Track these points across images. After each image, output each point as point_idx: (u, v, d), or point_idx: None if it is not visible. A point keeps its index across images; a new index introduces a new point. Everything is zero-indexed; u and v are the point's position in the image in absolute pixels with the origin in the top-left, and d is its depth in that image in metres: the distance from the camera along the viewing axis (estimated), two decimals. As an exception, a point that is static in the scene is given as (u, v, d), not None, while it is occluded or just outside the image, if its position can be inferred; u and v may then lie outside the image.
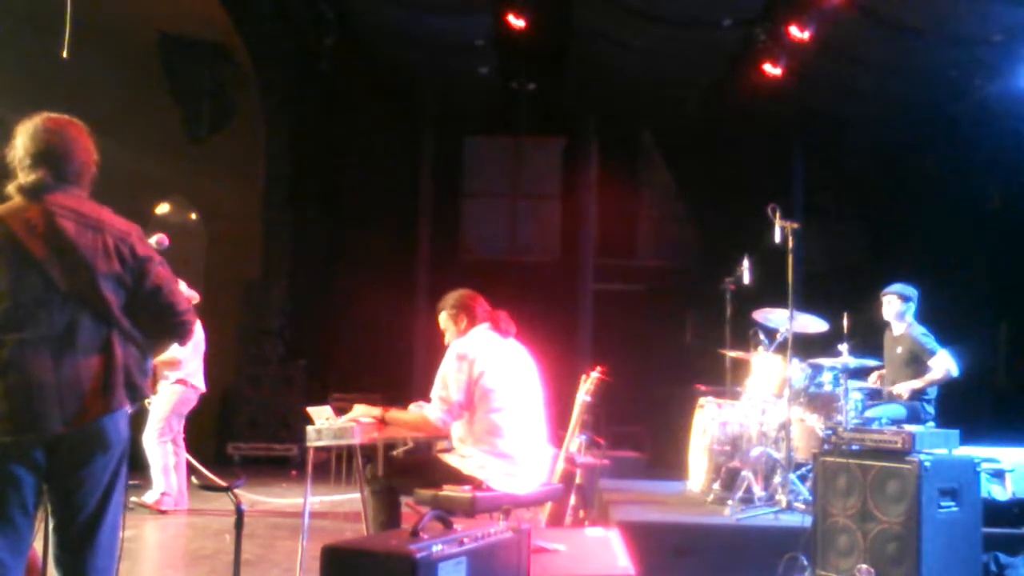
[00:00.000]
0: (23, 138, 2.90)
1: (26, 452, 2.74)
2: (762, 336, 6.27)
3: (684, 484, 6.61)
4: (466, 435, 4.13)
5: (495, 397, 4.09)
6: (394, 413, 4.27)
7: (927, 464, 4.33)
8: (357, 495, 5.20)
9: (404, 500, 4.29)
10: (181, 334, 3.03)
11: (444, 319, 4.37)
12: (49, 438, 2.74)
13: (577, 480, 5.19)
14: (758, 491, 5.66)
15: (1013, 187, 10.72)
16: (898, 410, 6.20)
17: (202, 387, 6.97)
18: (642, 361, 10.27)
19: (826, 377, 6.15)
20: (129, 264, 2.86)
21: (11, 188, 2.87)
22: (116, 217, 2.93)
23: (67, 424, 2.73)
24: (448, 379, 4.06)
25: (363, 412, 4.31)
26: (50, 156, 2.87)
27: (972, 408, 7.60)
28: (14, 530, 2.74)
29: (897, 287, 6.58)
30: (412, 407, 4.32)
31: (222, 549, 5.52)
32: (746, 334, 6.36)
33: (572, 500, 5.21)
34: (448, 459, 4.16)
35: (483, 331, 4.25)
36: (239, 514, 3.07)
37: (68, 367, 2.75)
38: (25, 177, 2.86)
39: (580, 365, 6.43)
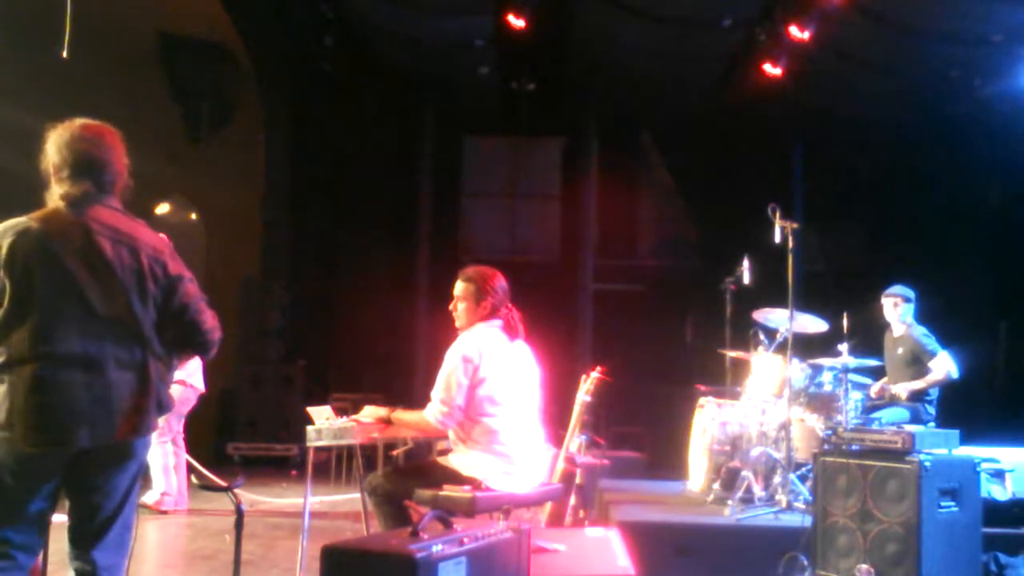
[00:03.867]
0: (59, 146, 2.87)
1: (50, 462, 2.76)
2: (762, 336, 6.26)
3: (684, 484, 6.60)
4: (464, 436, 4.12)
5: (494, 401, 4.07)
6: (400, 414, 4.27)
7: (927, 464, 4.33)
8: (357, 495, 5.21)
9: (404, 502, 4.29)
10: (205, 351, 3.05)
11: (464, 292, 4.23)
12: (75, 451, 2.76)
13: (577, 480, 5.18)
14: (758, 491, 5.66)
15: (1013, 187, 10.72)
16: (899, 412, 6.21)
17: (201, 387, 6.96)
18: (642, 361, 10.27)
19: (826, 377, 6.16)
20: (160, 282, 2.88)
21: (54, 196, 2.85)
22: (150, 232, 2.94)
23: (95, 441, 2.75)
24: (451, 380, 4.05)
25: (371, 413, 4.31)
26: (90, 167, 2.87)
27: (972, 408, 7.59)
28: (30, 533, 2.78)
29: (897, 288, 6.59)
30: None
31: (222, 549, 5.51)
32: (746, 334, 6.35)
33: (572, 500, 5.20)
34: (446, 460, 4.16)
35: (493, 330, 4.20)
36: (239, 514, 3.07)
37: (100, 387, 2.76)
38: (69, 187, 2.84)
39: (580, 365, 6.43)
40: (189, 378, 6.82)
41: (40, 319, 2.73)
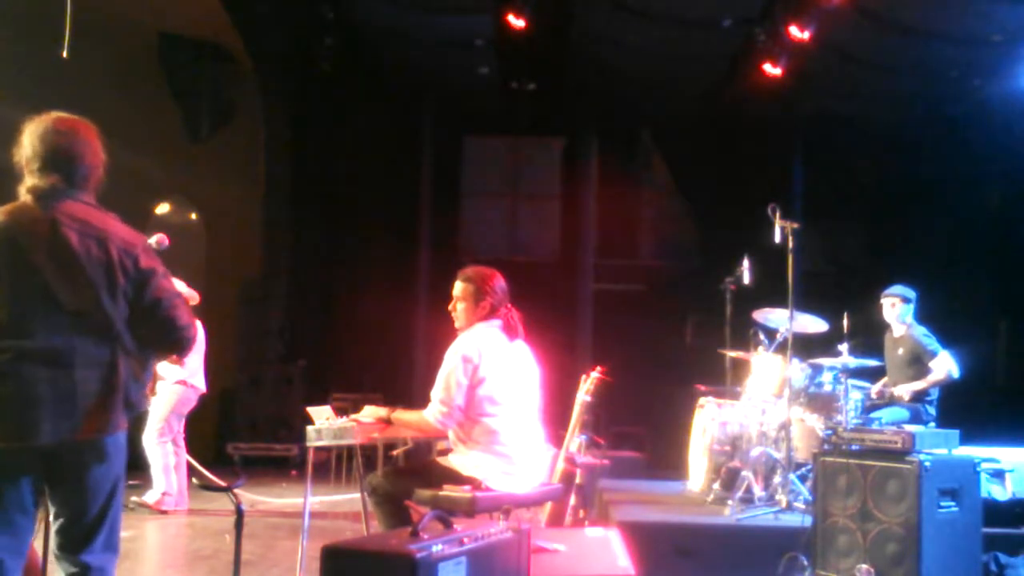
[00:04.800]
0: (32, 138, 2.83)
1: (17, 459, 2.73)
2: (762, 336, 6.27)
3: (684, 484, 6.61)
4: (464, 436, 4.12)
5: (494, 401, 4.07)
6: (400, 414, 4.26)
7: (927, 464, 4.33)
8: (357, 495, 5.21)
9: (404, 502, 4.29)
10: (181, 348, 2.99)
11: (463, 292, 4.22)
12: (42, 448, 2.71)
13: (577, 480, 5.19)
14: (758, 491, 5.67)
15: (1013, 187, 10.73)
16: (900, 412, 6.20)
17: (202, 387, 6.96)
18: (642, 361, 10.26)
19: (826, 377, 6.16)
20: (131, 276, 2.81)
21: (22, 189, 2.81)
22: (122, 227, 2.87)
23: (59, 437, 2.70)
24: (450, 380, 4.04)
25: (371, 413, 4.31)
26: (60, 160, 2.81)
27: (972, 408, 7.59)
28: (13, 531, 2.74)
29: (897, 288, 6.58)
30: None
31: (222, 549, 5.52)
32: (746, 334, 6.36)
33: (572, 500, 5.21)
34: (446, 460, 4.16)
35: (492, 330, 4.20)
36: (239, 514, 3.07)
37: (64, 382, 2.71)
38: (37, 180, 2.80)
39: (580, 365, 6.42)
40: (190, 378, 6.83)
41: (4, 313, 2.69)
